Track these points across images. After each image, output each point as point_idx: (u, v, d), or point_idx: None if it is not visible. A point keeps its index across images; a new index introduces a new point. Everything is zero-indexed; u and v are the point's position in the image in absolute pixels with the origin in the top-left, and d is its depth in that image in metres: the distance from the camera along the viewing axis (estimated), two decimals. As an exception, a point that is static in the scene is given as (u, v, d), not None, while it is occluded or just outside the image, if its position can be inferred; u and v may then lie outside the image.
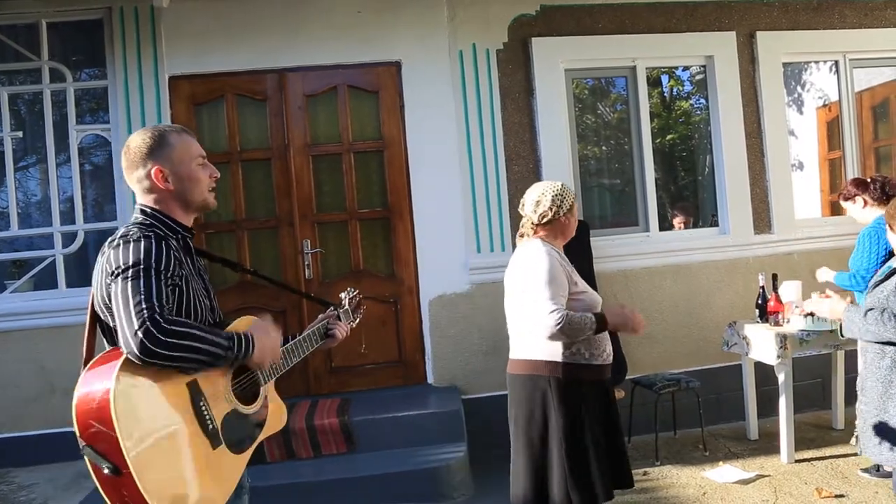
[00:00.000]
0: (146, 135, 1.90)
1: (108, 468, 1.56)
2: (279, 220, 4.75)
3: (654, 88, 5.52)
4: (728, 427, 4.98)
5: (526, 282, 2.73)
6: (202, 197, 1.96)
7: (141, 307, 1.63)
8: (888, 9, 5.48)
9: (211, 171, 1.99)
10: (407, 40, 4.75)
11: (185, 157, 1.92)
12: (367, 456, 4.15)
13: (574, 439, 2.69)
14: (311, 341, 2.24)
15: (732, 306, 5.10)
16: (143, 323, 1.60)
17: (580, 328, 2.62)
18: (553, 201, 2.81)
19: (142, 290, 1.66)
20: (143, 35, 4.55)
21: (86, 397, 1.60)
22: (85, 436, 1.59)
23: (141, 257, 1.71)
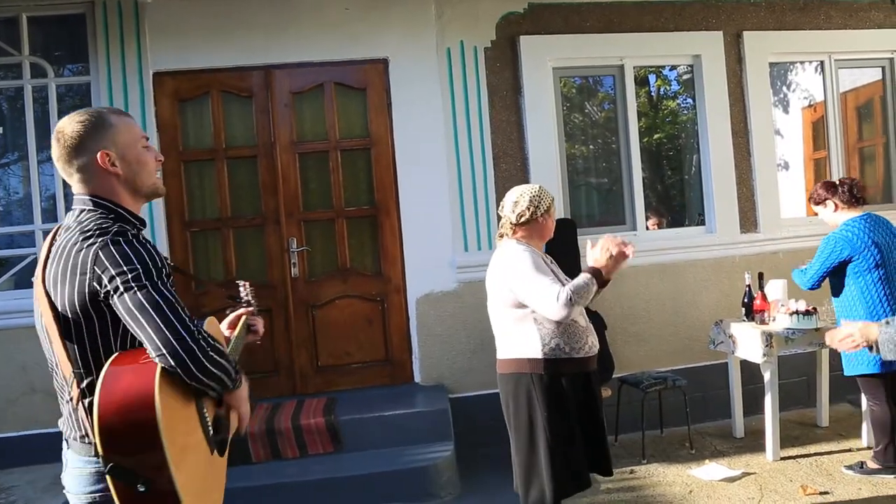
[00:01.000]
0: (82, 117, 1.72)
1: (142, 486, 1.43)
2: (265, 218, 4.71)
3: (642, 88, 5.54)
4: (714, 425, 5.00)
5: (514, 282, 2.83)
6: (151, 181, 1.79)
7: (182, 318, 1.55)
8: (872, 10, 5.52)
9: (155, 153, 1.82)
10: (394, 37, 4.73)
11: (130, 138, 1.75)
12: (353, 456, 4.13)
13: (557, 431, 2.82)
14: (241, 338, 2.13)
15: (719, 305, 5.12)
16: (194, 338, 1.53)
17: (586, 289, 2.72)
18: (531, 202, 2.93)
19: (171, 299, 1.56)
20: (127, 30, 4.49)
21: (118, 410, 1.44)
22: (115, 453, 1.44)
23: (148, 262, 1.58)
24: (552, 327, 2.83)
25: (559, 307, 2.69)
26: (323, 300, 4.72)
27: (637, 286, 5.06)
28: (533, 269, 2.80)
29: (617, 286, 5.01)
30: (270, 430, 4.09)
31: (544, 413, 2.82)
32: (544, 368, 2.83)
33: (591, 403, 2.93)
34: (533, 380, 2.84)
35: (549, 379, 2.83)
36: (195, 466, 1.61)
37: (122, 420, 1.43)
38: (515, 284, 2.83)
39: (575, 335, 2.86)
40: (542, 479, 2.84)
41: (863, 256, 3.77)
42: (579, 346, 2.86)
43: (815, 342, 4.26)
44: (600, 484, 4.08)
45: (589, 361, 2.92)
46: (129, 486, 1.43)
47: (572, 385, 2.86)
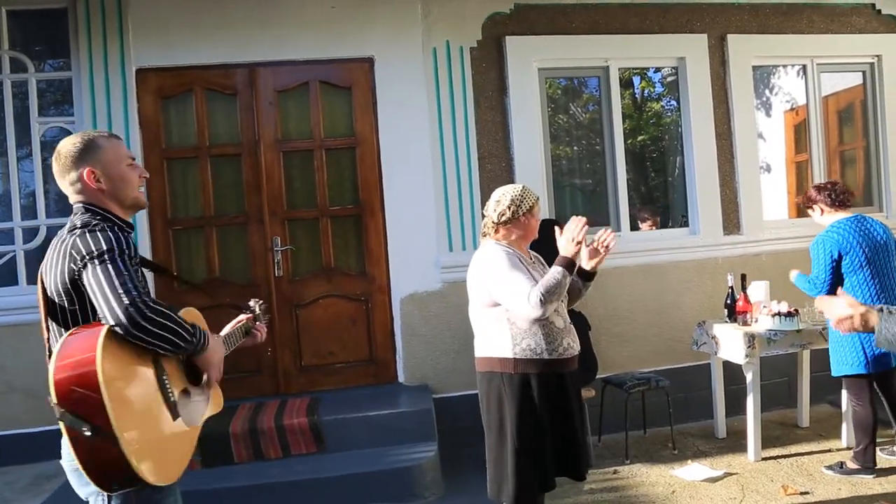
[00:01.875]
0: (76, 140, 2.04)
1: (88, 429, 1.67)
2: (249, 217, 4.68)
3: (626, 90, 5.56)
4: (697, 426, 5.03)
5: (491, 284, 2.85)
6: (133, 195, 2.09)
7: (127, 286, 1.80)
8: (854, 15, 5.58)
9: (140, 171, 2.13)
10: (380, 36, 4.71)
11: (115, 158, 2.06)
12: (336, 456, 4.11)
13: (524, 432, 2.82)
14: (235, 337, 2.40)
15: (702, 306, 5.16)
16: (133, 300, 1.78)
17: (556, 285, 2.74)
18: (512, 201, 2.94)
19: (123, 271, 1.83)
20: (110, 26, 4.44)
21: (68, 363, 1.72)
22: (65, 401, 1.69)
23: (113, 244, 1.86)
24: (525, 327, 2.83)
25: (531, 307, 2.71)
26: (307, 299, 4.70)
27: (621, 287, 5.08)
28: (507, 268, 2.81)
29: (601, 287, 5.01)
30: (253, 431, 4.06)
31: (512, 413, 2.83)
32: (514, 368, 2.84)
33: (565, 406, 2.90)
34: (503, 379, 2.85)
35: (519, 379, 2.83)
36: (144, 421, 1.81)
37: (71, 370, 1.71)
38: (491, 284, 2.85)
39: (549, 336, 2.85)
40: (506, 479, 2.85)
41: (850, 255, 3.82)
42: (552, 348, 2.85)
43: (796, 343, 4.30)
44: (583, 484, 4.09)
45: (564, 363, 2.90)
46: (77, 430, 1.68)
47: (544, 386, 2.84)
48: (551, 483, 2.88)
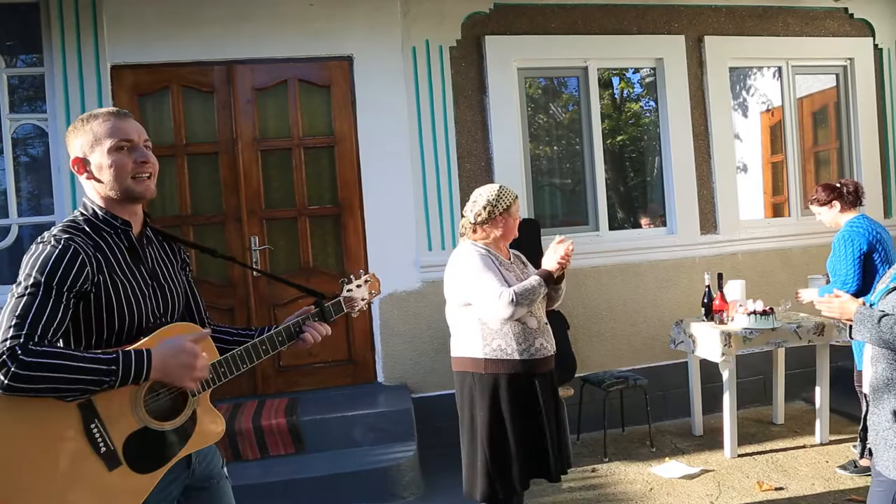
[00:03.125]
0: (75, 123, 1.82)
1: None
2: (226, 216, 4.63)
3: (605, 90, 5.59)
4: (674, 423, 5.07)
5: (464, 284, 2.87)
6: (124, 185, 1.77)
7: (8, 335, 1.53)
8: (828, 19, 5.66)
9: (137, 155, 1.79)
10: (359, 35, 4.69)
11: (102, 142, 1.77)
12: (315, 456, 4.09)
13: (493, 432, 2.83)
14: (275, 343, 1.97)
15: (679, 305, 5.20)
16: (9, 345, 1.51)
17: (532, 292, 2.77)
18: (487, 202, 2.94)
19: (18, 311, 1.57)
20: (84, 21, 4.37)
21: None
22: None
23: (35, 271, 1.61)
24: (496, 327, 2.84)
25: (501, 306, 2.73)
26: (285, 299, 4.66)
27: (599, 286, 5.11)
28: (479, 269, 2.82)
29: (579, 286, 5.06)
30: (230, 431, 4.02)
31: (482, 413, 2.84)
32: (484, 368, 2.85)
33: (536, 407, 2.88)
34: (474, 379, 2.87)
35: (489, 379, 2.84)
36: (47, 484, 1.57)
37: None
38: (463, 284, 2.87)
39: (521, 336, 2.85)
40: (477, 479, 2.86)
41: (879, 249, 3.87)
42: (524, 348, 2.85)
43: (771, 341, 4.35)
44: (562, 482, 4.10)
45: (537, 364, 2.89)
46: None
47: (513, 387, 2.84)
48: (523, 484, 2.86)
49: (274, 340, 1.97)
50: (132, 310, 1.76)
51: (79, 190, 4.34)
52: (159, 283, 1.86)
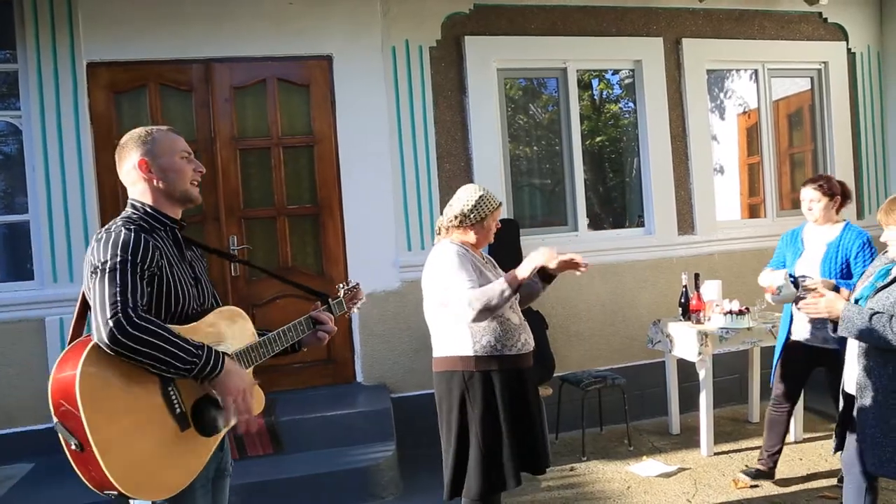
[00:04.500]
0: (138, 132, 2.05)
1: (75, 444, 1.67)
2: (204, 216, 4.60)
3: (585, 91, 5.62)
4: (652, 422, 5.12)
5: (441, 282, 2.86)
6: (184, 188, 2.05)
7: (115, 299, 1.74)
8: (802, 23, 5.75)
9: (196, 165, 2.10)
10: (339, 34, 4.68)
11: (168, 150, 2.04)
12: (294, 457, 4.07)
13: (488, 430, 2.83)
14: (296, 331, 2.28)
15: (657, 305, 5.25)
16: (115, 313, 1.71)
17: (496, 295, 2.74)
18: (461, 211, 2.94)
19: (118, 282, 1.77)
20: (59, 17, 4.31)
21: (58, 377, 1.71)
22: (57, 413, 1.70)
23: (118, 251, 1.81)
24: (484, 324, 2.84)
25: (472, 308, 2.73)
26: (264, 299, 4.64)
27: (578, 286, 5.14)
28: (455, 268, 2.81)
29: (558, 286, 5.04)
30: (208, 432, 3.99)
31: (476, 411, 2.83)
32: (476, 366, 2.83)
33: (525, 401, 2.92)
34: (465, 377, 2.85)
35: (481, 376, 2.84)
36: (132, 439, 1.74)
37: (59, 384, 1.70)
38: (440, 282, 2.86)
39: (507, 332, 2.87)
40: (471, 477, 2.85)
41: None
42: (511, 344, 2.87)
43: (747, 341, 4.40)
44: (541, 482, 4.13)
45: (522, 359, 2.92)
46: (68, 442, 1.69)
47: (505, 382, 2.86)
48: (517, 479, 2.87)
49: (297, 328, 2.28)
50: (185, 296, 1.97)
51: (54, 188, 4.30)
52: (195, 277, 2.08)
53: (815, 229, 3.82)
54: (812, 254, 3.76)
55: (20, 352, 4.27)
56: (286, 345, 2.24)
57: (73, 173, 4.33)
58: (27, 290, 4.35)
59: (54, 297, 4.29)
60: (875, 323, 2.49)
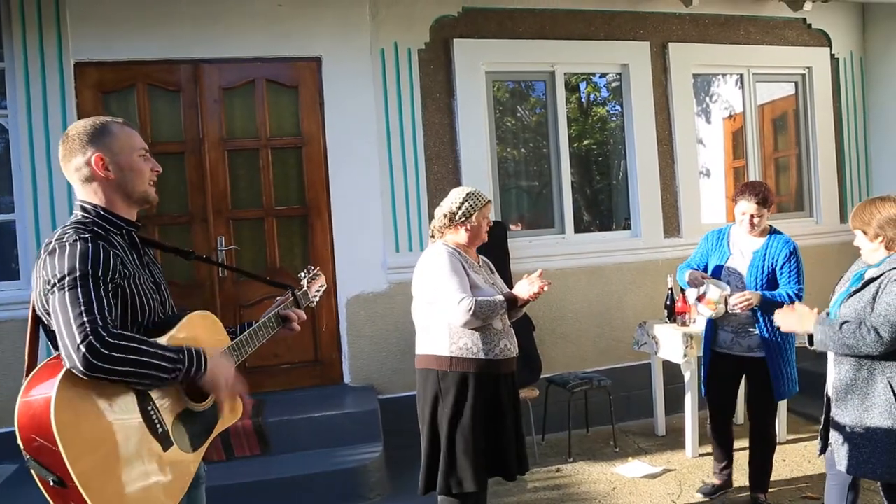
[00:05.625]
0: (87, 123, 1.87)
1: (53, 480, 1.53)
2: (192, 216, 4.59)
3: (573, 94, 5.66)
4: (637, 424, 5.15)
5: (430, 283, 2.91)
6: (143, 188, 1.92)
7: (83, 319, 1.59)
8: (787, 28, 5.81)
9: (153, 164, 1.96)
10: (328, 36, 4.69)
11: (127, 146, 1.89)
12: (281, 458, 4.07)
13: (456, 430, 2.87)
14: (266, 329, 2.18)
15: (643, 307, 5.29)
16: (85, 337, 1.57)
17: (492, 308, 2.83)
18: (450, 209, 2.99)
19: (81, 300, 1.62)
20: (46, 16, 4.29)
21: (27, 410, 1.56)
22: (28, 449, 1.55)
23: (76, 263, 1.66)
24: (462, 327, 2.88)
25: (460, 312, 2.79)
26: (251, 300, 4.64)
27: (565, 288, 5.17)
28: (447, 270, 2.86)
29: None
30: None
31: (445, 410, 2.88)
32: (450, 366, 2.88)
33: (497, 407, 2.93)
34: (439, 376, 2.90)
35: (455, 377, 2.88)
36: (117, 468, 1.62)
37: (30, 416, 1.55)
38: (430, 282, 2.91)
39: (486, 336, 2.89)
40: (440, 474, 2.89)
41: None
42: (489, 348, 2.89)
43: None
44: (527, 482, 4.16)
45: (500, 364, 2.94)
46: (44, 479, 1.55)
47: (478, 385, 2.88)
48: (480, 480, 2.88)
49: (267, 326, 2.18)
50: (149, 304, 1.85)
51: (40, 188, 4.28)
52: (156, 282, 1.95)
53: (742, 234, 3.70)
54: (738, 260, 3.66)
55: (4, 352, 4.24)
56: (258, 345, 2.15)
57: (60, 173, 4.28)
58: (13, 289, 4.32)
59: (40, 297, 4.26)
60: (846, 332, 2.53)
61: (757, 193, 3.57)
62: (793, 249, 3.58)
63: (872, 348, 2.48)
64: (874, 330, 2.47)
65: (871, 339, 2.47)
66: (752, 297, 3.44)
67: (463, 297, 2.80)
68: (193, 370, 1.75)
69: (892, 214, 2.62)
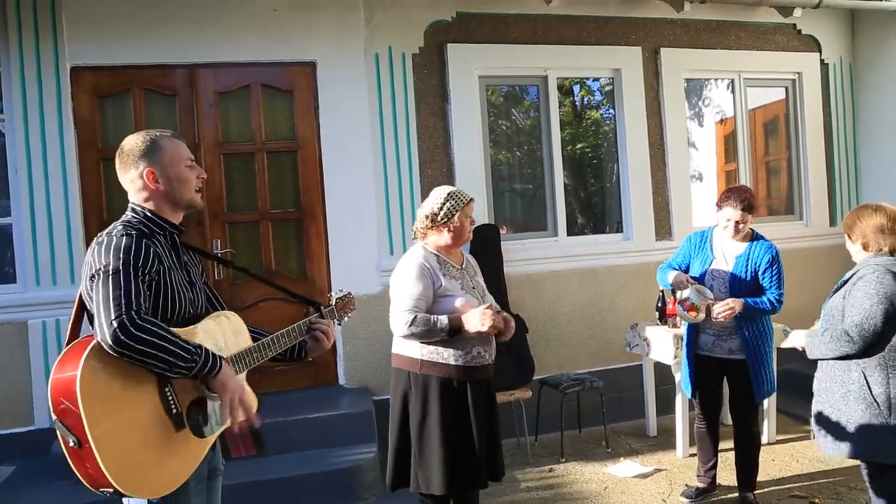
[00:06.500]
0: (139, 139, 2.05)
1: (73, 441, 1.70)
2: (188, 219, 4.58)
3: (567, 97, 5.71)
4: (629, 424, 5.20)
5: (392, 285, 2.97)
6: (189, 196, 2.10)
7: (119, 301, 1.78)
8: (777, 34, 5.88)
9: (198, 172, 2.14)
10: (323, 41, 4.73)
11: (175, 159, 2.06)
12: (277, 458, 4.10)
13: (421, 432, 2.89)
14: (291, 336, 2.32)
15: (635, 309, 5.34)
16: (118, 315, 1.75)
17: (432, 331, 2.81)
18: (431, 210, 2.97)
19: (121, 285, 1.81)
20: (42, 21, 4.33)
21: (58, 376, 1.75)
22: (56, 411, 1.72)
23: (121, 255, 1.85)
24: None
25: (400, 324, 2.85)
26: (247, 302, 4.66)
27: (557, 291, 5.22)
28: (411, 279, 2.87)
29: (538, 291, 5.17)
30: (190, 435, 4.01)
31: (415, 411, 2.90)
32: (420, 368, 2.90)
33: (464, 412, 2.89)
34: (410, 378, 2.92)
35: (423, 379, 2.89)
36: (128, 437, 1.78)
37: (60, 381, 1.73)
38: (392, 285, 2.97)
39: (459, 342, 2.87)
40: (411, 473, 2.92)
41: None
42: (460, 354, 2.87)
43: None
44: (520, 482, 4.21)
45: (472, 371, 2.90)
46: (66, 439, 1.72)
47: (445, 390, 2.87)
48: (447, 485, 2.85)
49: (291, 333, 2.32)
50: (181, 300, 2.00)
51: (37, 191, 4.31)
52: (190, 282, 2.10)
53: (726, 238, 3.68)
54: (721, 264, 3.66)
55: (1, 354, 4.27)
56: (280, 349, 2.28)
57: (57, 177, 4.34)
58: (9, 293, 4.35)
59: (37, 300, 4.30)
60: (826, 340, 2.77)
61: (742, 200, 3.55)
62: (775, 255, 3.60)
63: (849, 349, 2.69)
64: (846, 333, 2.68)
65: (845, 341, 2.69)
66: (735, 305, 3.47)
67: (408, 309, 2.82)
68: (207, 369, 1.87)
69: (873, 223, 2.79)
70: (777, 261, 3.58)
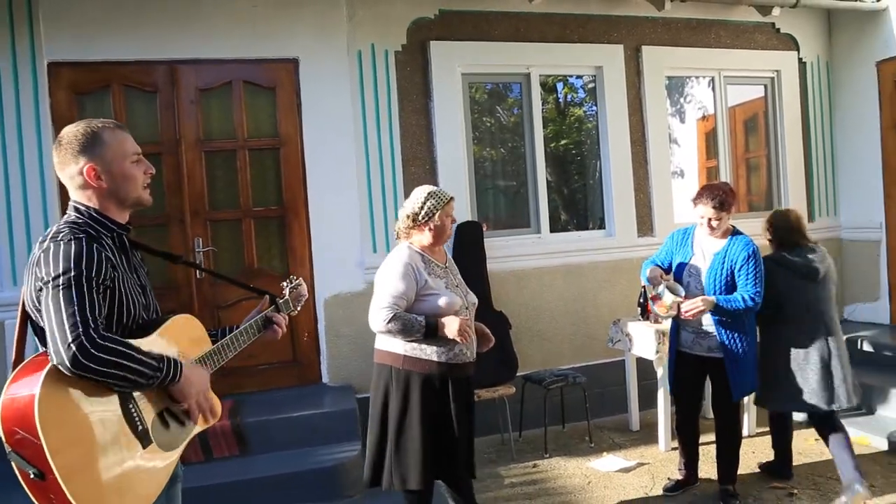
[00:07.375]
0: (79, 130, 1.87)
1: (33, 473, 1.57)
2: (169, 218, 4.58)
3: (550, 94, 5.73)
4: (612, 419, 5.24)
5: (377, 281, 2.98)
6: (136, 194, 1.94)
7: (75, 319, 1.64)
8: (756, 32, 5.95)
9: (146, 167, 1.97)
10: (305, 37, 4.71)
11: (119, 155, 1.90)
12: (260, 458, 4.10)
13: (401, 425, 2.91)
14: (248, 334, 2.23)
15: (617, 305, 5.38)
16: (77, 336, 1.62)
17: (408, 329, 2.85)
18: (413, 210, 3.00)
19: (75, 300, 1.66)
20: (18, 15, 4.25)
21: (10, 404, 1.60)
22: (10, 442, 1.59)
23: (72, 264, 1.70)
24: None
25: (378, 319, 2.87)
26: (229, 301, 4.64)
27: (541, 287, 5.25)
28: (395, 276, 2.90)
29: (522, 287, 5.19)
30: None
31: (395, 407, 2.92)
32: (402, 364, 2.93)
33: (443, 409, 2.94)
34: (392, 373, 2.95)
35: (404, 375, 2.92)
36: (97, 463, 1.66)
37: (13, 409, 1.59)
38: (377, 280, 2.98)
39: (442, 340, 2.90)
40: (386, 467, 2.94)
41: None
42: (442, 351, 2.91)
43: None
44: (504, 478, 4.23)
45: (453, 368, 2.95)
46: (24, 471, 1.58)
47: (426, 386, 2.91)
48: (424, 479, 2.89)
49: (249, 331, 2.23)
50: (135, 306, 1.88)
51: (13, 190, 4.25)
52: (142, 284, 1.98)
53: (705, 235, 3.70)
54: (699, 260, 3.70)
55: (-16, 354, 4.21)
56: (240, 348, 2.19)
57: (34, 176, 4.28)
58: (-13, 292, 4.29)
59: (13, 299, 4.23)
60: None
61: (714, 197, 3.55)
62: (752, 252, 3.56)
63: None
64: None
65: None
66: (703, 304, 3.48)
67: (387, 306, 2.85)
68: (169, 378, 1.79)
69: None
70: (754, 257, 3.56)
